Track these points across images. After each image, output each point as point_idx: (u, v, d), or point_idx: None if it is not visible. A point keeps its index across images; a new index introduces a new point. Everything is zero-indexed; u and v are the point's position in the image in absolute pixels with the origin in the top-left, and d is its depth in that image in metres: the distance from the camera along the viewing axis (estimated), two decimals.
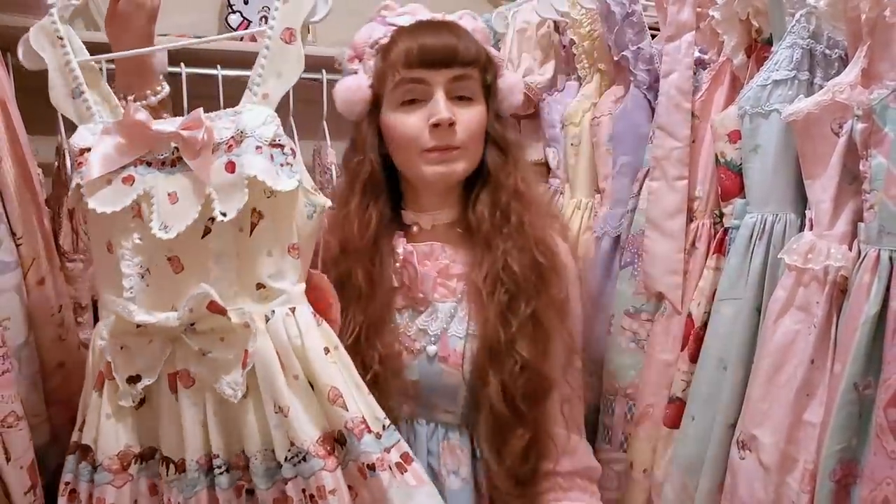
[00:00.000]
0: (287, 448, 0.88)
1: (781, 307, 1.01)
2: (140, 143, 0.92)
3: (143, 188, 0.91)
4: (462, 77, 1.06)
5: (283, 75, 0.92)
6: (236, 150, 0.89)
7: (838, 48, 1.03)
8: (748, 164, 1.08)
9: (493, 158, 1.10)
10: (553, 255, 1.08)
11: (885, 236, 0.90)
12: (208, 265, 0.90)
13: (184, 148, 0.90)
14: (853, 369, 0.91)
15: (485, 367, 1.05)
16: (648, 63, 1.31)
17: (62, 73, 0.96)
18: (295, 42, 0.92)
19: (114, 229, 0.92)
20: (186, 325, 0.89)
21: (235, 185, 0.87)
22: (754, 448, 1.01)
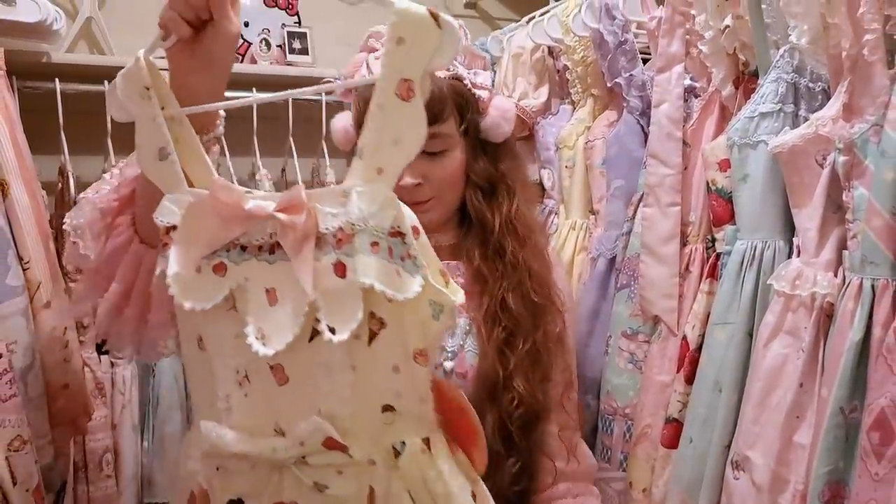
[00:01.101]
0: None
1: (771, 332, 1.04)
2: (231, 226, 0.73)
3: (236, 280, 0.73)
4: (431, 136, 0.90)
5: (401, 142, 0.70)
6: (346, 246, 0.69)
7: (821, 81, 1.06)
8: (738, 192, 1.11)
9: (473, 201, 1.09)
10: (548, 288, 1.09)
11: (867, 265, 0.93)
12: (319, 379, 0.72)
13: (282, 234, 0.71)
14: (839, 393, 0.94)
15: (482, 402, 1.03)
16: (641, 89, 1.35)
17: (148, 130, 0.78)
18: (414, 98, 0.69)
19: (206, 323, 0.75)
20: (297, 457, 0.73)
21: (347, 295, 0.68)
22: (748, 469, 1.04)
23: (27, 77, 1.67)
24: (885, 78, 0.93)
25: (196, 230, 0.74)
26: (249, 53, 2.00)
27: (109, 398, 1.62)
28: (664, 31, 1.23)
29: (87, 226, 0.92)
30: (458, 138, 1.07)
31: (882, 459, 0.90)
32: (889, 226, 0.91)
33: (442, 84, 1.04)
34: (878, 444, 0.90)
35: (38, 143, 1.47)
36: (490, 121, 1.09)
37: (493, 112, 1.09)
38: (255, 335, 0.70)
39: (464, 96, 1.07)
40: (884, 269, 0.92)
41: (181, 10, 0.79)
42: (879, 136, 0.93)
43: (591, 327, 1.37)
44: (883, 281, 0.92)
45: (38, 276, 1.18)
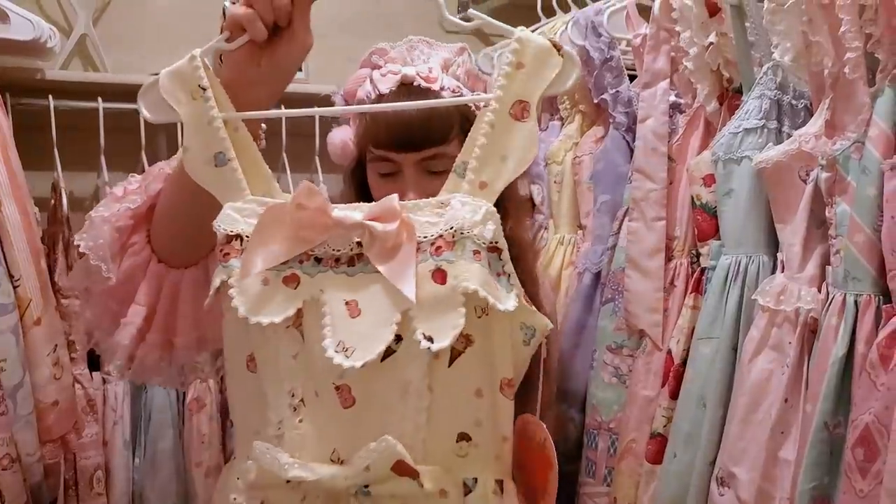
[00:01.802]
0: None
1: (756, 347, 1.04)
2: (312, 234, 0.70)
3: (310, 293, 0.70)
4: (432, 157, 0.96)
5: (508, 159, 0.72)
6: (447, 253, 0.67)
7: (804, 98, 1.07)
8: (722, 207, 1.12)
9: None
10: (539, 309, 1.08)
11: (850, 281, 0.94)
12: (391, 400, 0.68)
13: (371, 244, 0.69)
14: (823, 409, 0.94)
15: None
16: (627, 106, 1.36)
17: (203, 134, 0.74)
18: (528, 118, 0.72)
19: (264, 341, 0.71)
20: (359, 486, 0.68)
21: (447, 303, 0.66)
22: (733, 485, 1.04)
23: (21, 94, 1.68)
24: (865, 96, 0.93)
25: (271, 238, 0.70)
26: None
27: (101, 415, 1.62)
28: (649, 47, 1.24)
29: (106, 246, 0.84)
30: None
31: (867, 476, 0.90)
32: (871, 241, 0.92)
33: (449, 110, 0.98)
34: (863, 461, 0.90)
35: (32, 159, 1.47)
36: None
37: None
38: (335, 348, 0.67)
39: (469, 119, 1.00)
40: (866, 284, 0.93)
41: (262, 10, 0.74)
42: (861, 153, 0.93)
43: (576, 341, 1.37)
44: (866, 297, 0.93)
45: (29, 294, 1.18)
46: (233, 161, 0.74)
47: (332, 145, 1.10)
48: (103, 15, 1.96)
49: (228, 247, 0.71)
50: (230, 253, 0.71)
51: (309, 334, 0.69)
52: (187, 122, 0.75)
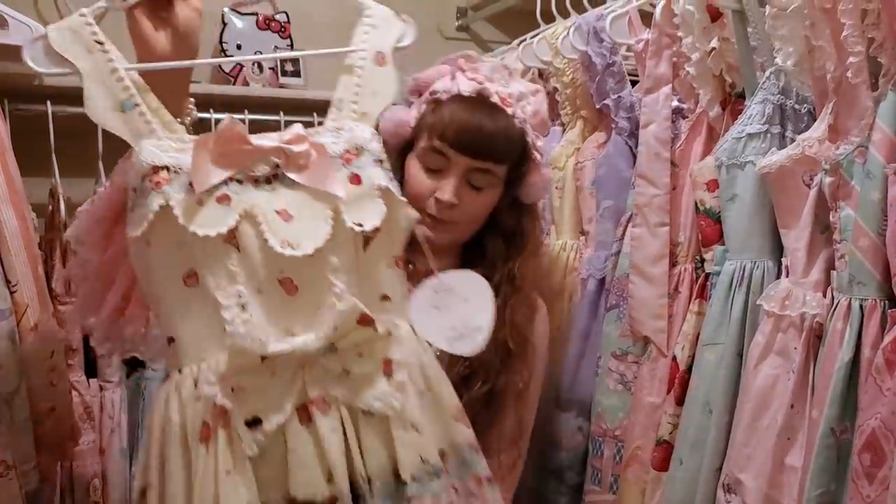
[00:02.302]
0: (417, 466, 0.82)
1: (761, 352, 1.04)
2: (234, 160, 0.81)
3: (243, 208, 0.80)
4: (484, 170, 1.08)
5: (378, 94, 0.91)
6: (356, 161, 0.86)
7: (807, 103, 1.07)
8: (726, 212, 1.12)
9: (493, 244, 1.13)
10: (524, 341, 1.11)
11: (855, 285, 0.94)
12: (327, 281, 0.82)
13: (288, 163, 0.83)
14: (830, 414, 0.94)
15: None
16: (629, 111, 1.36)
17: (105, 84, 0.83)
18: (387, 65, 0.93)
19: (203, 257, 0.80)
20: (327, 345, 0.80)
21: (367, 196, 0.84)
22: (739, 491, 1.03)
23: (18, 99, 1.67)
24: (868, 100, 0.93)
25: (204, 163, 0.80)
26: (242, 75, 2.00)
27: (98, 422, 1.60)
28: (651, 52, 1.24)
29: (84, 236, 0.94)
30: (500, 182, 1.11)
31: (874, 481, 0.89)
32: (876, 246, 0.92)
33: (512, 132, 1.08)
34: (870, 466, 0.89)
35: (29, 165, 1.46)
36: (532, 184, 1.13)
37: (538, 178, 1.13)
38: (280, 245, 0.80)
39: (523, 151, 1.11)
40: (872, 289, 0.93)
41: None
42: (865, 157, 0.93)
43: (581, 348, 1.37)
44: (871, 301, 0.92)
45: (26, 299, 1.17)
46: (140, 106, 0.83)
47: (388, 120, 1.12)
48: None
49: (158, 176, 0.80)
50: (161, 182, 0.80)
51: (246, 242, 0.80)
52: (88, 74, 0.83)
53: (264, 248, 0.80)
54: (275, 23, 2.08)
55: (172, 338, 0.82)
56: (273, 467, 0.79)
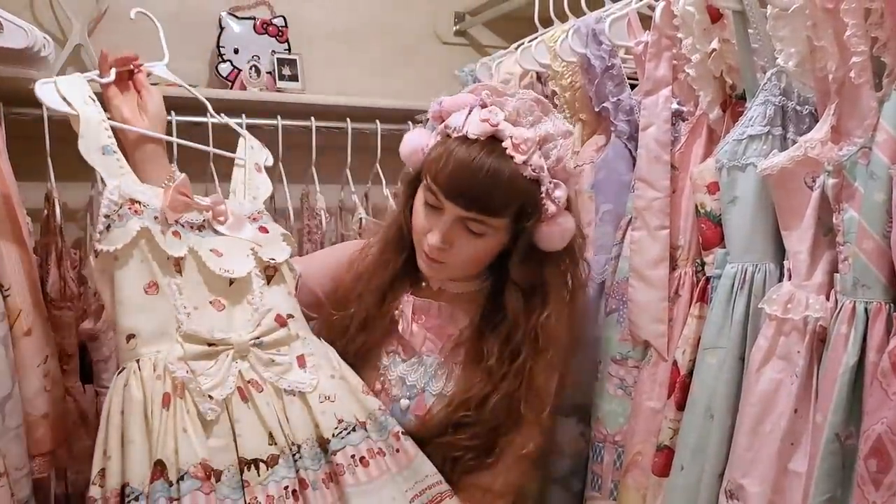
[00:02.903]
0: (335, 426, 1.04)
1: (763, 356, 1.02)
2: (182, 207, 1.07)
3: (188, 245, 1.05)
4: (477, 221, 1.06)
5: (260, 188, 1.24)
6: (261, 220, 1.17)
7: (808, 104, 1.06)
8: (727, 215, 1.10)
9: (511, 298, 1.12)
10: (540, 410, 1.12)
11: (859, 288, 0.92)
12: (244, 303, 1.08)
13: (214, 217, 1.11)
14: (834, 419, 0.92)
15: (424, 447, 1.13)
16: (628, 114, 1.34)
17: (95, 129, 1.05)
18: (262, 172, 1.26)
19: (163, 271, 1.03)
20: (254, 338, 1.05)
21: (274, 240, 1.15)
22: (742, 497, 1.01)
23: (14, 104, 1.66)
24: (872, 100, 0.92)
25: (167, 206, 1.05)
26: (239, 80, 2.00)
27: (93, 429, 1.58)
28: (651, 54, 1.23)
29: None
30: (503, 229, 1.08)
31: (880, 487, 0.87)
32: (880, 248, 0.91)
33: (517, 183, 1.04)
34: (876, 472, 0.88)
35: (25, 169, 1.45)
36: (546, 233, 1.09)
37: (553, 227, 1.09)
38: (219, 270, 1.06)
39: (532, 203, 1.06)
40: (877, 291, 0.91)
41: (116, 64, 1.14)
42: (868, 159, 0.92)
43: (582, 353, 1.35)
44: (876, 304, 0.91)
45: (19, 304, 1.16)
46: (117, 153, 1.06)
47: (407, 143, 1.15)
48: (98, 26, 1.95)
49: (135, 206, 1.03)
50: (138, 210, 1.03)
51: (189, 271, 1.05)
52: (84, 118, 1.06)
53: (204, 278, 1.06)
54: (272, 27, 2.08)
55: (132, 334, 1.00)
56: (223, 437, 0.98)
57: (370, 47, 2.24)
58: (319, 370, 1.08)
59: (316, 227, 1.93)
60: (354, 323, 1.17)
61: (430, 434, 1.12)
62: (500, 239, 1.10)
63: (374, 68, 2.23)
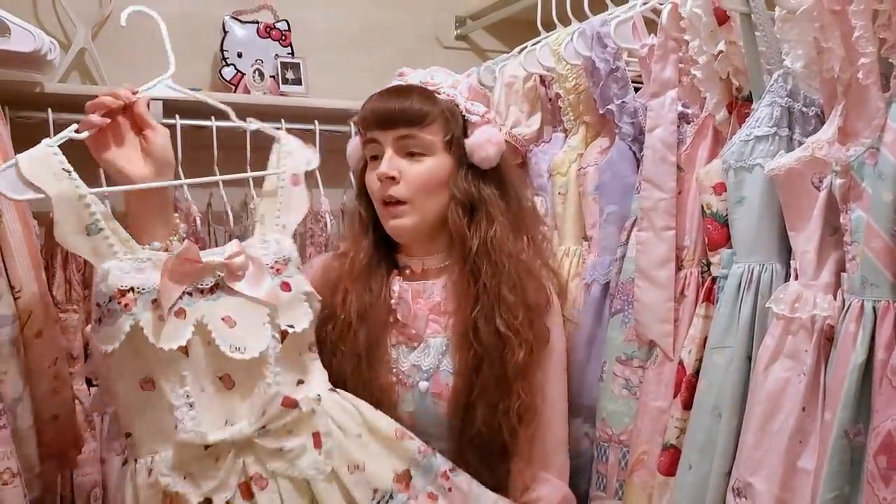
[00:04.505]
0: (371, 497, 0.97)
1: (771, 355, 1.03)
2: (189, 277, 0.95)
3: (195, 318, 0.94)
4: (407, 136, 1.15)
5: (295, 209, 1.09)
6: (285, 272, 1.02)
7: (815, 106, 1.07)
8: (734, 215, 1.11)
9: (453, 216, 1.16)
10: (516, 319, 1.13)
11: (867, 287, 0.93)
12: (262, 375, 0.98)
13: (229, 275, 0.98)
14: (843, 417, 0.93)
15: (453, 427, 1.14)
16: (632, 116, 1.35)
17: (73, 208, 0.92)
18: (300, 184, 1.10)
19: (159, 366, 0.93)
20: (258, 428, 0.94)
21: (296, 301, 1.01)
22: (750, 496, 1.02)
23: (20, 107, 1.67)
24: (880, 101, 0.93)
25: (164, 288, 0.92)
26: (243, 84, 2.00)
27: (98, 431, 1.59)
28: (658, 56, 1.24)
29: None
30: (439, 147, 1.17)
31: (890, 484, 0.88)
32: (889, 247, 0.92)
33: (431, 95, 1.17)
34: (886, 469, 0.89)
35: None
36: (474, 142, 1.17)
37: (479, 136, 1.17)
38: (230, 350, 0.95)
39: (453, 112, 1.18)
40: (885, 290, 0.92)
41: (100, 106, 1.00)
42: (876, 159, 0.93)
43: (587, 354, 1.36)
44: (884, 303, 0.92)
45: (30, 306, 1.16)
46: (104, 230, 0.93)
47: (349, 148, 1.29)
48: (102, 30, 1.96)
49: (125, 298, 0.91)
50: (128, 303, 0.91)
51: (196, 350, 0.94)
52: (57, 199, 0.92)
53: (213, 353, 0.95)
54: (275, 31, 2.09)
55: (129, 433, 0.95)
56: None
57: (372, 51, 2.25)
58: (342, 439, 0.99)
59: (320, 231, 1.93)
60: (351, 319, 1.16)
61: (457, 414, 1.13)
62: (440, 160, 1.16)
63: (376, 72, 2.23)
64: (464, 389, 1.13)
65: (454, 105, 1.18)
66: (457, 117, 1.18)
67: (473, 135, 1.18)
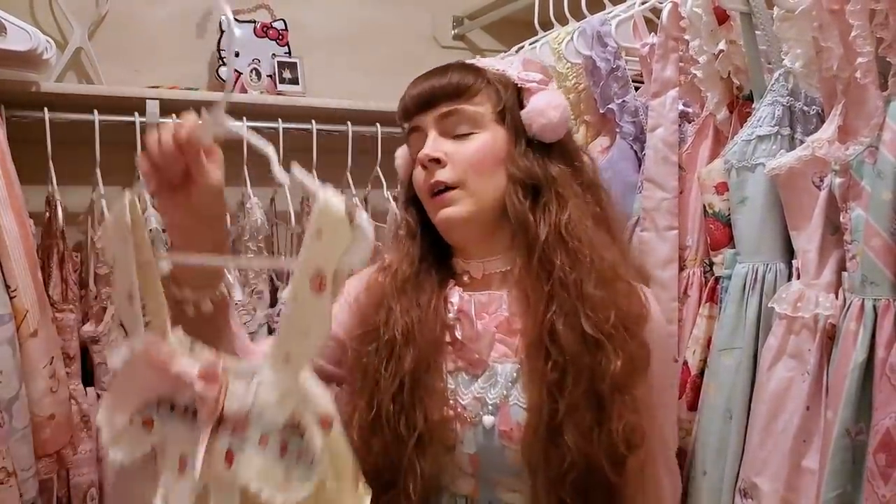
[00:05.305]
0: None
1: (774, 355, 1.03)
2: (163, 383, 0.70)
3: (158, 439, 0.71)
4: (450, 112, 0.97)
5: (309, 335, 0.66)
6: (239, 434, 0.67)
7: (815, 105, 1.07)
8: (736, 215, 1.11)
9: (512, 199, 0.95)
10: (607, 320, 0.90)
11: (868, 286, 0.93)
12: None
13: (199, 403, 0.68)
14: (845, 415, 0.93)
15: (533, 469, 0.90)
16: (633, 115, 1.36)
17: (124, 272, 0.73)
18: (325, 292, 0.65)
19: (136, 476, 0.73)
20: None
21: (229, 488, 0.66)
22: (755, 496, 1.02)
23: (16, 106, 1.65)
24: (878, 100, 0.94)
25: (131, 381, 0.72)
26: (240, 83, 2.00)
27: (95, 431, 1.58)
28: (658, 55, 1.24)
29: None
30: (489, 120, 0.98)
31: (889, 481, 0.88)
32: (888, 246, 0.92)
33: (476, 68, 1.00)
34: (885, 466, 0.89)
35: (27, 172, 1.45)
36: (531, 109, 0.97)
37: (535, 101, 0.98)
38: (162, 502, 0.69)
39: (502, 81, 1.00)
40: (885, 289, 0.92)
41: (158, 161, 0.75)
42: (875, 158, 0.94)
43: None
44: (885, 301, 0.92)
45: (26, 305, 1.16)
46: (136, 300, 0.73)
47: (397, 158, 1.10)
48: (98, 29, 1.95)
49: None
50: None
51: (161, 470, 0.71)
52: (116, 260, 0.74)
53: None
54: (272, 30, 2.08)
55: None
56: None
57: (370, 51, 2.25)
58: None
59: None
60: (396, 340, 0.95)
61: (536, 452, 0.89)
62: (494, 135, 0.97)
63: (373, 72, 2.23)
64: (541, 421, 0.88)
65: (503, 75, 1.00)
66: (508, 87, 0.99)
67: (530, 103, 0.98)
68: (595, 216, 0.98)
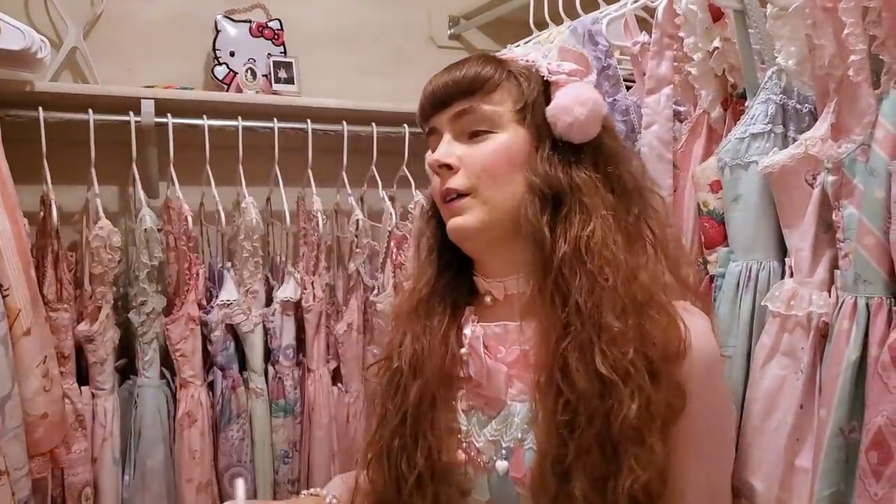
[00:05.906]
0: None
1: (767, 353, 1.03)
2: None
3: None
4: (465, 111, 0.87)
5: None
6: None
7: (808, 103, 1.07)
8: (730, 213, 1.11)
9: (525, 211, 0.84)
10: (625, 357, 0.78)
11: (860, 284, 0.93)
12: None
13: None
14: (838, 414, 0.93)
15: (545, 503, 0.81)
16: (624, 114, 1.35)
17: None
18: None
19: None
20: None
21: None
22: (749, 496, 1.02)
23: (10, 106, 1.65)
24: (871, 98, 0.93)
25: None
26: (235, 82, 1.99)
27: (90, 431, 1.58)
28: (653, 53, 1.24)
29: None
30: (508, 120, 0.87)
31: (881, 479, 0.88)
32: (881, 244, 0.92)
33: (498, 60, 0.89)
34: (877, 464, 0.88)
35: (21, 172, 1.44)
36: (557, 105, 0.85)
37: (561, 96, 0.85)
38: None
39: (526, 75, 0.88)
40: (877, 286, 0.92)
41: None
42: (868, 156, 0.93)
43: None
44: (877, 299, 0.92)
45: (18, 304, 1.15)
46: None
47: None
48: (93, 28, 1.95)
49: None
50: None
51: None
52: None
53: None
54: (268, 30, 2.08)
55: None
56: None
57: (365, 51, 2.25)
58: None
59: (312, 230, 1.92)
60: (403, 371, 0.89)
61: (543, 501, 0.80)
62: (512, 136, 0.86)
63: (369, 71, 2.24)
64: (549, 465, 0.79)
65: (529, 67, 0.89)
66: (533, 80, 0.88)
67: (555, 98, 0.86)
68: (629, 231, 0.85)
